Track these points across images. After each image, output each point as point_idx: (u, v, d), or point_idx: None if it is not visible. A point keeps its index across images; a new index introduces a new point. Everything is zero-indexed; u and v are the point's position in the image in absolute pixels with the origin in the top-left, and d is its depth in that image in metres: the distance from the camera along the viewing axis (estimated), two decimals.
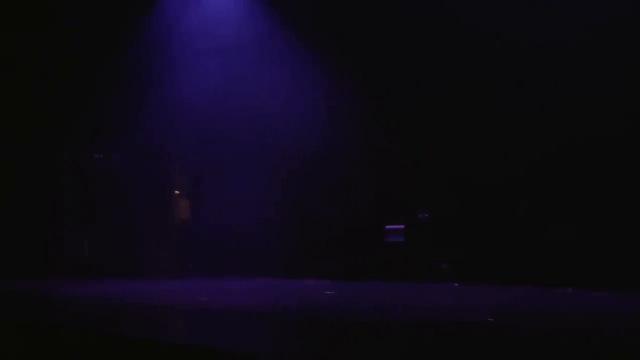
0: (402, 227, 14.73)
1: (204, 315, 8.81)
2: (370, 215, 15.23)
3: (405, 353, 5.91)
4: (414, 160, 14.61)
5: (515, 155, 13.30)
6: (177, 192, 17.78)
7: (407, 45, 14.39)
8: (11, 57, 15.34)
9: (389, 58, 14.68)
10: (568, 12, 12.61)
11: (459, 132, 13.97)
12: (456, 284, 13.26)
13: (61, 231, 16.49)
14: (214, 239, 16.66)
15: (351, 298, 11.30)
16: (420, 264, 14.22)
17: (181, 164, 18.07)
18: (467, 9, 13.57)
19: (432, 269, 13.98)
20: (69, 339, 6.83)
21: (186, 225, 17.95)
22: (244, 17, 16.03)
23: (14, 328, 7.44)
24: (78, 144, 16.97)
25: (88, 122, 16.51)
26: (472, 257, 13.60)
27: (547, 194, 13.18)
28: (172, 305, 10.22)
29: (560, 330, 7.19)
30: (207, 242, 16.94)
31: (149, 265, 16.56)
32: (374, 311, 9.26)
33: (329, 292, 11.91)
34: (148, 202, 16.90)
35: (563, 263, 12.37)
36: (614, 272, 11.66)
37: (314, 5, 15.53)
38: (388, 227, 14.88)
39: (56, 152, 16.52)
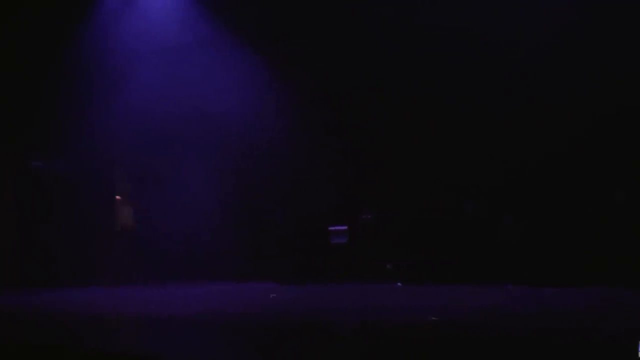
0: (346, 227, 14.72)
1: (149, 323, 8.65)
2: (316, 217, 15.18)
3: (343, 355, 5.85)
4: (359, 161, 14.61)
5: (461, 155, 13.40)
6: (118, 197, 17.47)
7: (354, 44, 14.37)
8: None
9: (333, 59, 14.65)
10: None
11: (404, 133, 14.02)
12: (399, 284, 13.29)
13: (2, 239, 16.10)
14: (161, 246, 16.43)
15: (292, 300, 11.24)
16: (364, 264, 14.21)
17: (124, 170, 17.79)
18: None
19: (376, 269, 13.98)
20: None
21: (130, 232, 17.65)
22: (184, 18, 15.82)
23: None
24: (17, 151, 16.57)
25: (28, 128, 16.14)
26: (416, 257, 13.66)
27: (491, 194, 13.30)
28: (115, 314, 10.03)
29: (507, 327, 7.23)
30: (154, 249, 16.69)
31: (91, 273, 16.23)
32: (310, 313, 9.19)
33: (273, 295, 11.84)
34: (90, 209, 16.56)
35: (506, 261, 12.49)
36: (561, 269, 11.80)
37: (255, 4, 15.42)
38: (331, 228, 14.85)
39: None
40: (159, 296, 12.89)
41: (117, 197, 17.46)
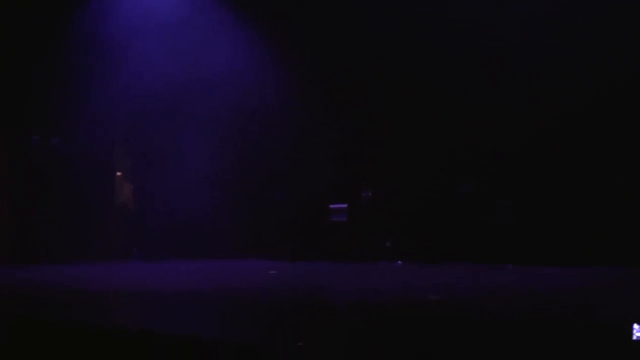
0: (346, 205, 14.73)
1: (147, 298, 8.67)
2: (315, 194, 15.18)
3: (343, 333, 5.87)
4: (359, 139, 14.59)
5: (461, 134, 13.38)
6: (118, 173, 17.46)
7: (354, 22, 14.28)
8: None
9: (333, 36, 14.56)
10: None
11: (404, 112, 13.98)
12: (400, 262, 13.32)
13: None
14: (161, 222, 16.46)
15: (292, 278, 11.26)
16: (364, 242, 14.24)
17: (124, 146, 17.77)
18: None
19: (376, 248, 14.01)
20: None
21: (130, 208, 17.68)
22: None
23: None
24: (16, 127, 16.50)
25: (27, 104, 16.08)
26: (415, 235, 13.68)
27: (491, 174, 13.30)
28: (110, 290, 10.06)
29: (506, 306, 7.26)
30: (154, 225, 16.73)
31: (91, 249, 16.26)
32: (314, 291, 9.23)
33: (272, 272, 11.87)
34: (89, 185, 16.55)
35: (504, 241, 12.52)
36: (559, 249, 11.85)
37: None
38: (331, 206, 14.86)
39: None
40: (159, 272, 12.92)
41: (118, 173, 17.47)
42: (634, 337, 4.59)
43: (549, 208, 12.45)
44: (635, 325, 4.59)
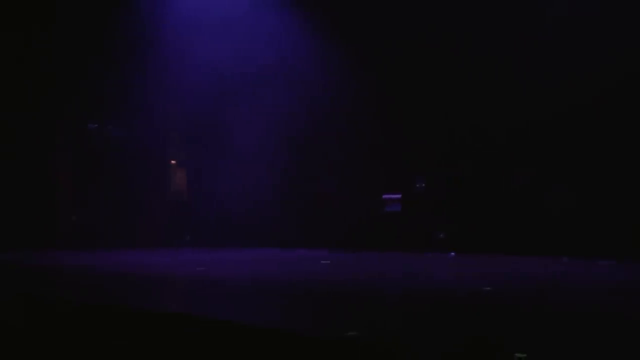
0: (399, 196, 14.70)
1: (202, 285, 8.80)
2: (369, 184, 15.18)
3: (402, 322, 5.90)
4: (413, 129, 14.54)
5: (514, 123, 13.23)
6: (173, 162, 17.72)
7: (408, 13, 14.21)
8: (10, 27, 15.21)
9: (393, 31, 14.49)
10: None
11: (459, 102, 13.89)
12: (453, 253, 13.26)
13: (56, 201, 16.45)
14: (214, 210, 16.66)
15: (347, 268, 11.30)
16: (417, 233, 14.20)
17: (179, 134, 18.00)
18: None
19: (429, 238, 13.97)
20: (65, 310, 6.81)
21: (184, 196, 17.94)
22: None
23: (12, 299, 7.41)
24: (73, 114, 16.86)
25: (84, 92, 16.42)
26: (469, 227, 13.59)
27: (546, 163, 13.12)
28: (168, 276, 10.22)
29: (559, 299, 7.20)
30: (207, 213, 16.95)
31: (145, 235, 16.56)
32: (371, 280, 9.26)
33: (324, 262, 11.92)
34: (144, 172, 16.84)
35: (560, 232, 12.36)
36: (614, 241, 11.63)
37: None
38: (385, 196, 14.84)
39: (51, 122, 16.42)
40: (216, 259, 13.07)
41: (172, 161, 17.73)
42: None
43: (609, 197, 12.18)
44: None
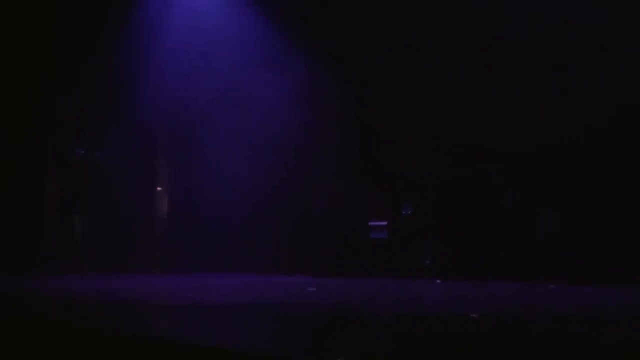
0: (385, 223, 14.73)
1: (190, 311, 8.78)
2: (354, 211, 15.20)
3: (390, 348, 5.92)
4: (398, 156, 14.62)
5: (499, 149, 13.35)
6: (159, 188, 17.71)
7: (399, 39, 14.32)
8: None
9: (377, 57, 14.61)
10: None
11: (445, 127, 14.00)
12: (438, 281, 13.28)
13: (45, 227, 16.39)
14: (198, 235, 16.62)
15: (333, 294, 11.29)
16: (403, 259, 14.21)
17: (165, 161, 18.01)
18: None
19: (415, 265, 13.98)
20: (52, 336, 6.78)
21: (168, 222, 17.92)
22: (226, 11, 15.89)
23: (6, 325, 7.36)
24: (62, 141, 16.86)
25: (73, 119, 16.46)
26: (455, 253, 13.64)
27: (531, 189, 13.21)
28: (157, 302, 10.19)
29: (545, 326, 7.24)
30: (191, 239, 16.91)
31: (131, 261, 16.51)
32: (356, 307, 9.28)
33: (311, 289, 11.91)
34: (130, 199, 16.81)
35: (546, 258, 12.43)
36: (601, 268, 11.70)
37: None
38: (371, 223, 14.88)
39: (41, 149, 16.43)
40: (197, 285, 13.03)
41: (158, 188, 17.71)
42: None
43: (595, 221, 12.25)
44: None
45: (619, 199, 12.07)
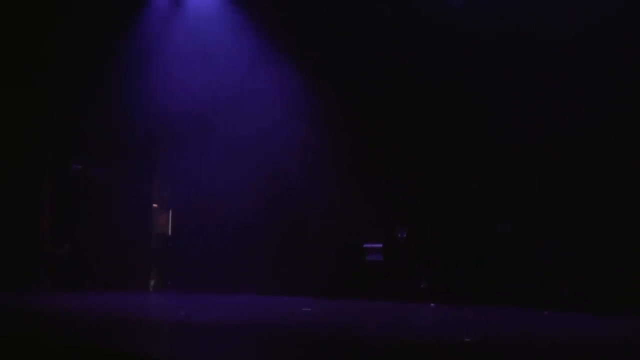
0: (381, 245, 14.71)
1: (183, 330, 8.75)
2: (349, 232, 15.17)
3: None
4: (393, 179, 14.62)
5: (495, 173, 13.37)
6: (155, 205, 17.68)
7: (393, 59, 14.36)
8: None
9: (374, 76, 14.63)
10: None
11: (440, 150, 14.01)
12: (432, 305, 13.22)
13: (41, 242, 16.36)
14: (195, 254, 16.56)
15: (328, 316, 11.26)
16: (398, 282, 14.17)
17: (162, 177, 18.00)
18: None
19: (410, 288, 13.93)
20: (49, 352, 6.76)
21: (165, 239, 17.88)
22: (225, 26, 15.90)
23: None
24: (60, 156, 16.86)
25: (70, 134, 16.48)
26: (450, 277, 13.59)
27: (527, 213, 13.21)
28: (150, 320, 10.16)
29: (537, 353, 7.21)
30: (186, 257, 16.85)
31: (126, 278, 16.46)
32: (348, 329, 9.24)
33: (306, 309, 11.87)
34: (127, 215, 16.76)
35: (540, 283, 12.40)
36: (599, 295, 11.65)
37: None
38: (366, 245, 14.85)
39: (38, 164, 16.42)
40: (191, 304, 12.98)
41: (154, 205, 17.68)
42: None
43: (591, 249, 12.19)
44: None
45: (614, 226, 12.05)
